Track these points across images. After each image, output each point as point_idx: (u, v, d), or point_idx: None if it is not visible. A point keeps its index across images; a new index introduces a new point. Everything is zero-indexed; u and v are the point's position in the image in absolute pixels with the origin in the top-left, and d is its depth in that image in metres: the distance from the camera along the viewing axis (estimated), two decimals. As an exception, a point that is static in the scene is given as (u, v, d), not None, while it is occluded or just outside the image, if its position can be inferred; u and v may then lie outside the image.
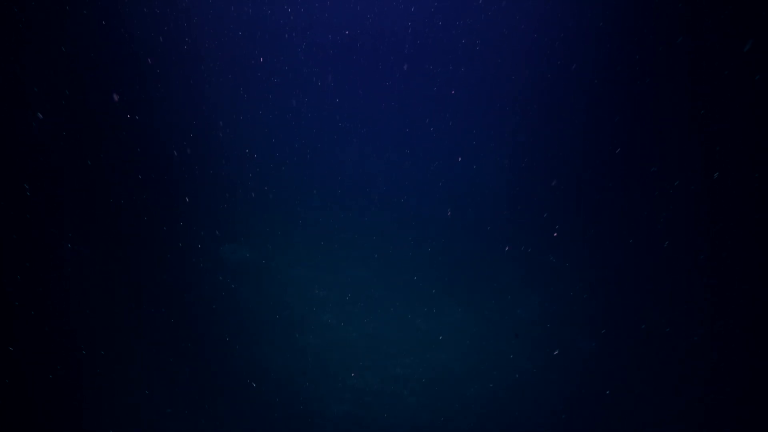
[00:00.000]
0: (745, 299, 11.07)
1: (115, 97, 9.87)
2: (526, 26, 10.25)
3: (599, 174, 11.72)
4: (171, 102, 10.80)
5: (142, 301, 11.66)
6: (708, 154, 10.49)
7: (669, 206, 11.29)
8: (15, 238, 10.54)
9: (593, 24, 9.95)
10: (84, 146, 10.37)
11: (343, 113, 12.25)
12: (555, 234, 11.32)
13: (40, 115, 9.71)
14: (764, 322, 10.80)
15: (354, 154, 12.52)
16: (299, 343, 11.39)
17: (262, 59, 11.49)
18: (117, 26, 9.53)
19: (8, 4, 8.35)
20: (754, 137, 9.92)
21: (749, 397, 10.72)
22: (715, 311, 11.16)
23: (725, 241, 10.94)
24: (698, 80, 10.11)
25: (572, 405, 9.59)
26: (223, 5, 9.95)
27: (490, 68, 11.02)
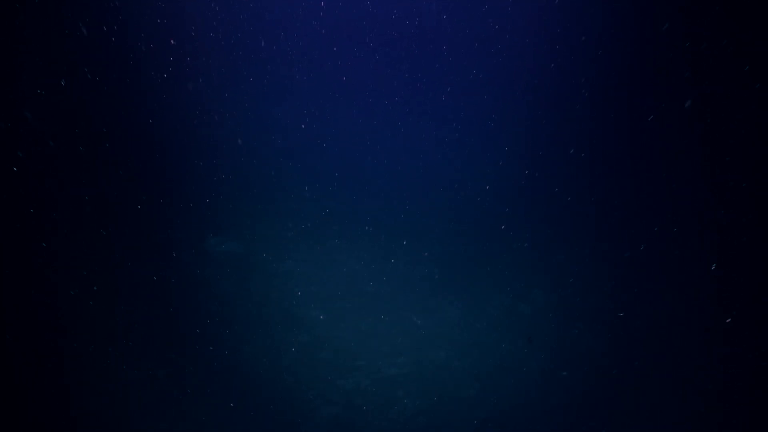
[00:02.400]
0: (756, 295, 10.65)
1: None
2: (533, 26, 10.25)
3: (607, 168, 11.48)
4: (156, 94, 10.49)
5: (122, 295, 11.01)
6: (714, 152, 10.34)
7: (679, 200, 10.99)
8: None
9: (602, 25, 9.94)
10: (65, 139, 10.03)
11: (338, 104, 11.90)
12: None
13: (29, 114, 9.41)
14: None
15: (349, 145, 12.09)
16: (287, 341, 10.68)
17: (253, 51, 11.34)
18: (109, 22, 9.35)
19: (7, 5, 8.13)
20: (760, 136, 9.89)
21: (763, 398, 10.13)
22: (726, 308, 10.68)
23: (733, 237, 10.60)
24: (704, 80, 10.04)
25: (579, 406, 8.90)
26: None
27: (493, 65, 10.93)
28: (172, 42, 10.63)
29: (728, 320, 10.34)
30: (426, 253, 11.23)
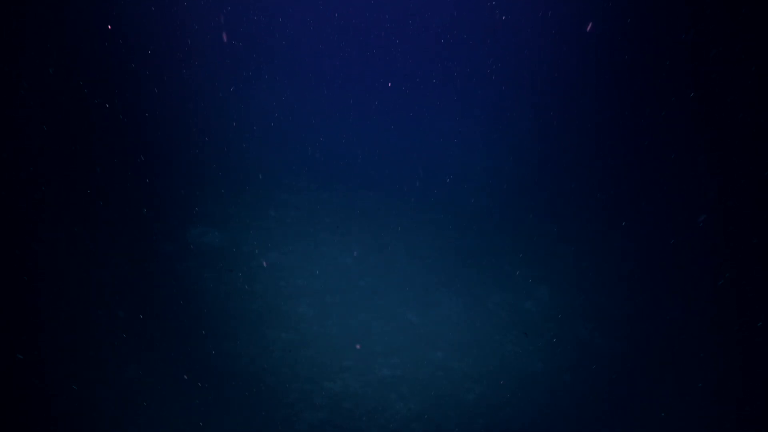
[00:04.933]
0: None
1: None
2: (538, 23, 10.16)
3: (616, 162, 11.11)
4: (139, 84, 10.12)
5: (97, 290, 10.23)
6: (724, 148, 10.08)
7: (691, 195, 10.54)
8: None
9: (606, 24, 9.84)
10: (46, 130, 9.61)
11: (330, 93, 11.48)
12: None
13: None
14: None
15: (343, 134, 11.56)
16: (270, 338, 9.86)
17: (242, 43, 11.17)
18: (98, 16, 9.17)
19: (6, 4, 7.83)
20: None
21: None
22: (740, 309, 10.06)
23: (747, 234, 10.13)
24: (707, 80, 9.98)
25: (589, 411, 8.10)
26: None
27: (495, 61, 10.75)
28: (157, 32, 10.28)
29: (751, 321, 9.65)
30: (423, 247, 10.54)
